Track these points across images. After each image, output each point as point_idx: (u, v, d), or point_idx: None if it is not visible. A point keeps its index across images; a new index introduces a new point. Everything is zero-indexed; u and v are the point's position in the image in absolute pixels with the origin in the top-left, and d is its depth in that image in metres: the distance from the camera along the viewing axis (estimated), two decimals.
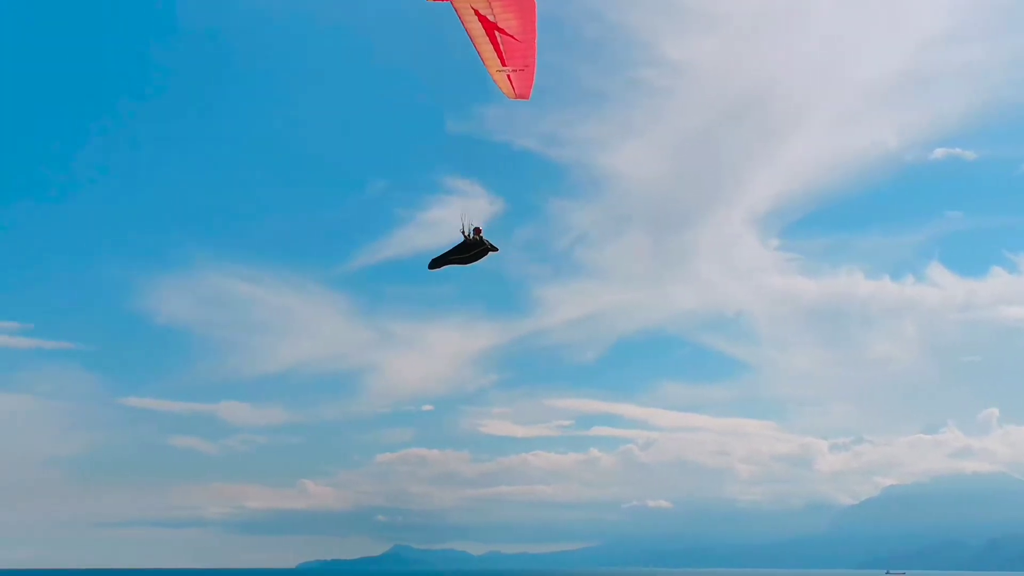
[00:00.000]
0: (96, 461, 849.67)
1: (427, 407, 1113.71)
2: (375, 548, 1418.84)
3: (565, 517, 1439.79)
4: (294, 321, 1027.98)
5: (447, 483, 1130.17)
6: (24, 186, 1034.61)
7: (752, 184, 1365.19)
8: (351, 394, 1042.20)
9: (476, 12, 41.67)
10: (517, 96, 46.10)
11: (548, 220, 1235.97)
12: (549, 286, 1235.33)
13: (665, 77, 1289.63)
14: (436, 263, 47.25)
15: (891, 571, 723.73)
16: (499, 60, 43.80)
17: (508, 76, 44.80)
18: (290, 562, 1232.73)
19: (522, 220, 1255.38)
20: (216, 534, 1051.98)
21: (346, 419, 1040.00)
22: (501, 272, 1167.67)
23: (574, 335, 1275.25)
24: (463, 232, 46.30)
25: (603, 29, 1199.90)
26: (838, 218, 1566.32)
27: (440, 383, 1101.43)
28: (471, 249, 46.48)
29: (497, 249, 47.15)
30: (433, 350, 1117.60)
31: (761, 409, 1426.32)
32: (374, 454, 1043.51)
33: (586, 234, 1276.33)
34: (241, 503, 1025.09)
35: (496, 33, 42.63)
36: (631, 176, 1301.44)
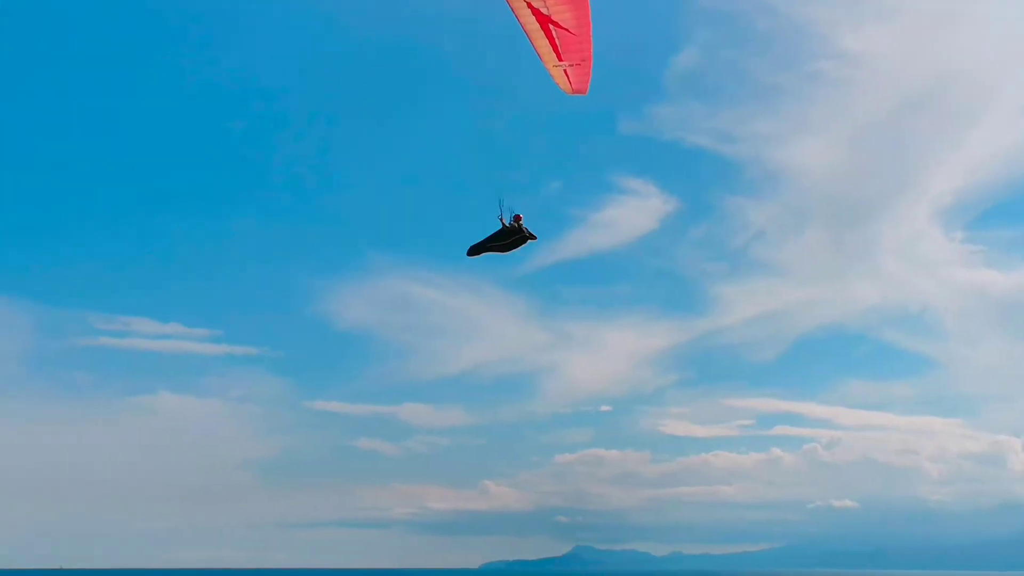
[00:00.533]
0: (284, 463, 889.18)
1: (605, 408, 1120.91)
2: (557, 548, 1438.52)
3: (747, 518, 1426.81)
4: (472, 324, 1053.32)
5: (627, 483, 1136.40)
6: (211, 198, 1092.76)
7: (935, 175, 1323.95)
8: (529, 395, 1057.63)
9: (529, 5, 41.34)
10: (575, 91, 45.63)
11: (723, 217, 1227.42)
12: (726, 284, 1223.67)
13: (842, 68, 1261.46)
14: (474, 250, 47.30)
15: None
16: (555, 55, 43.39)
17: (565, 71, 44.41)
18: (473, 562, 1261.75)
19: (696, 218, 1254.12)
20: (400, 534, 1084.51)
21: (525, 420, 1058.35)
22: (676, 271, 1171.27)
23: (753, 333, 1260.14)
24: (501, 219, 46.25)
25: (776, 22, 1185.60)
26: None
27: (617, 383, 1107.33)
28: (510, 236, 46.50)
29: (535, 238, 46.72)
30: (610, 350, 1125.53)
31: (948, 406, 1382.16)
32: (553, 455, 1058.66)
33: (763, 231, 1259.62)
34: (424, 504, 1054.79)
35: (551, 27, 42.14)
36: (809, 171, 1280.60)
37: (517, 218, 46.25)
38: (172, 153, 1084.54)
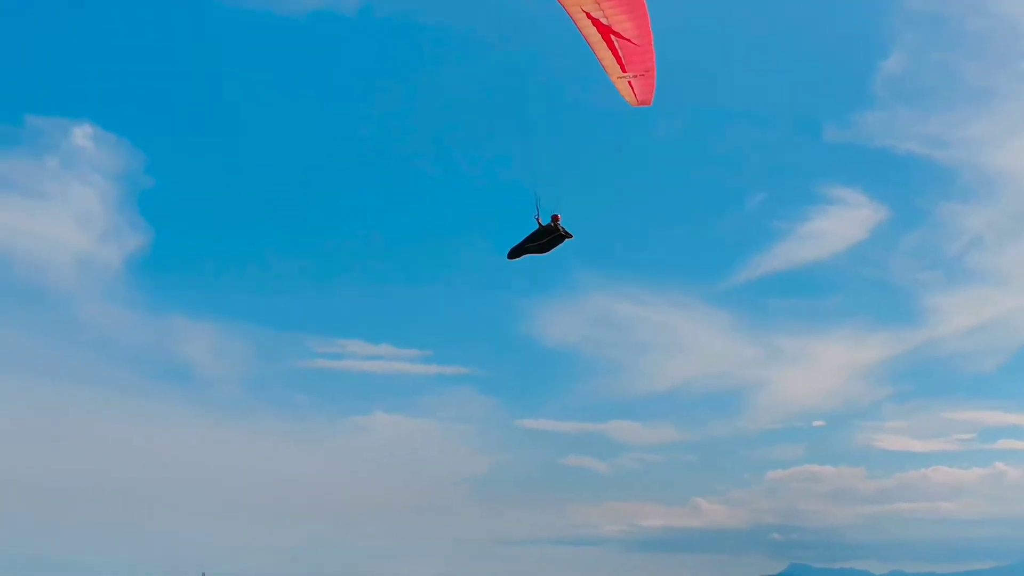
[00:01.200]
0: (495, 481, 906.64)
1: (818, 423, 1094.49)
2: (772, 567, 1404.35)
3: (972, 534, 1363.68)
4: (678, 339, 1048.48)
5: (842, 500, 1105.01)
6: (417, 221, 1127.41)
7: None
8: (739, 411, 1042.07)
9: (588, 15, 40.69)
10: (639, 103, 44.80)
11: (937, 225, 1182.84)
12: (942, 294, 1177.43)
13: None
14: (514, 253, 47.24)
15: None
16: (619, 66, 42.83)
17: (629, 82, 43.73)
18: None
19: (908, 226, 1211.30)
20: (613, 552, 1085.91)
21: (735, 436, 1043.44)
22: (889, 281, 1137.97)
23: (972, 344, 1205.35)
24: (537, 219, 45.78)
25: (988, 21, 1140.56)
26: None
27: (830, 398, 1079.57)
28: (546, 236, 46.03)
29: (572, 236, 46.10)
30: (821, 364, 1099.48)
31: None
32: (765, 471, 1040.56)
33: (980, 237, 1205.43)
34: (635, 521, 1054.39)
35: (612, 38, 41.55)
36: None
37: (555, 218, 46.14)
38: (381, 178, 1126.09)
